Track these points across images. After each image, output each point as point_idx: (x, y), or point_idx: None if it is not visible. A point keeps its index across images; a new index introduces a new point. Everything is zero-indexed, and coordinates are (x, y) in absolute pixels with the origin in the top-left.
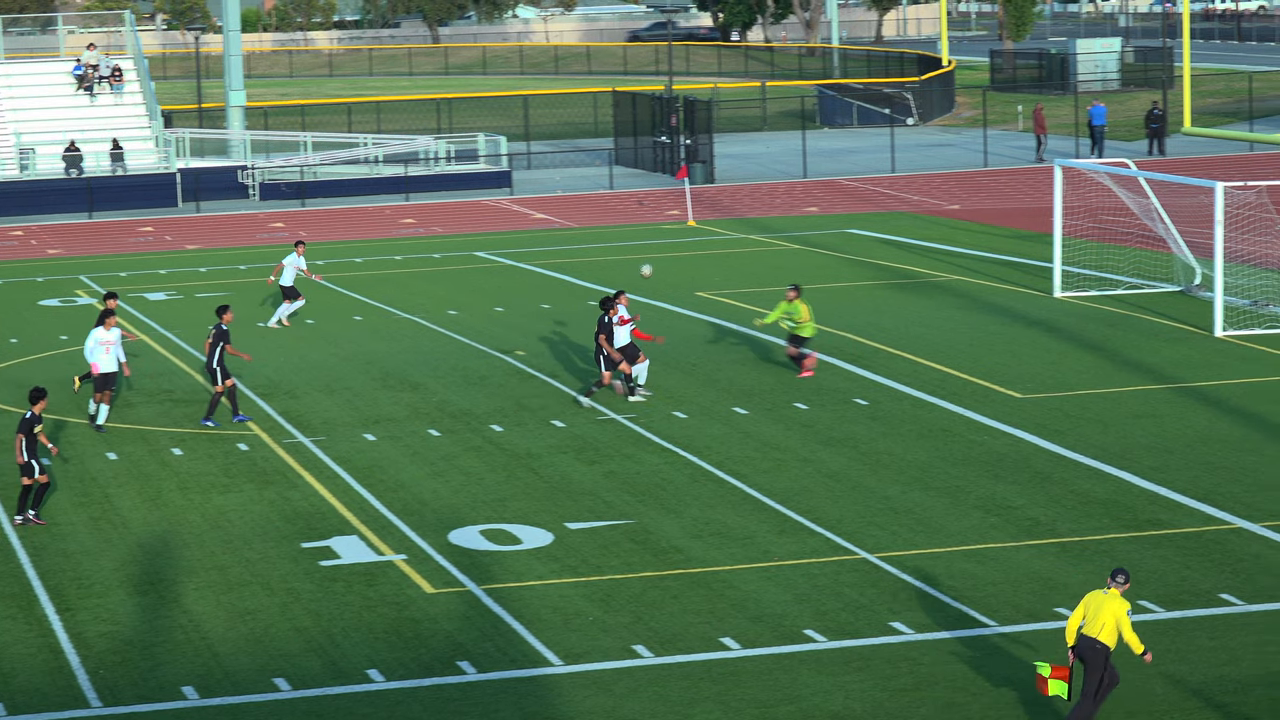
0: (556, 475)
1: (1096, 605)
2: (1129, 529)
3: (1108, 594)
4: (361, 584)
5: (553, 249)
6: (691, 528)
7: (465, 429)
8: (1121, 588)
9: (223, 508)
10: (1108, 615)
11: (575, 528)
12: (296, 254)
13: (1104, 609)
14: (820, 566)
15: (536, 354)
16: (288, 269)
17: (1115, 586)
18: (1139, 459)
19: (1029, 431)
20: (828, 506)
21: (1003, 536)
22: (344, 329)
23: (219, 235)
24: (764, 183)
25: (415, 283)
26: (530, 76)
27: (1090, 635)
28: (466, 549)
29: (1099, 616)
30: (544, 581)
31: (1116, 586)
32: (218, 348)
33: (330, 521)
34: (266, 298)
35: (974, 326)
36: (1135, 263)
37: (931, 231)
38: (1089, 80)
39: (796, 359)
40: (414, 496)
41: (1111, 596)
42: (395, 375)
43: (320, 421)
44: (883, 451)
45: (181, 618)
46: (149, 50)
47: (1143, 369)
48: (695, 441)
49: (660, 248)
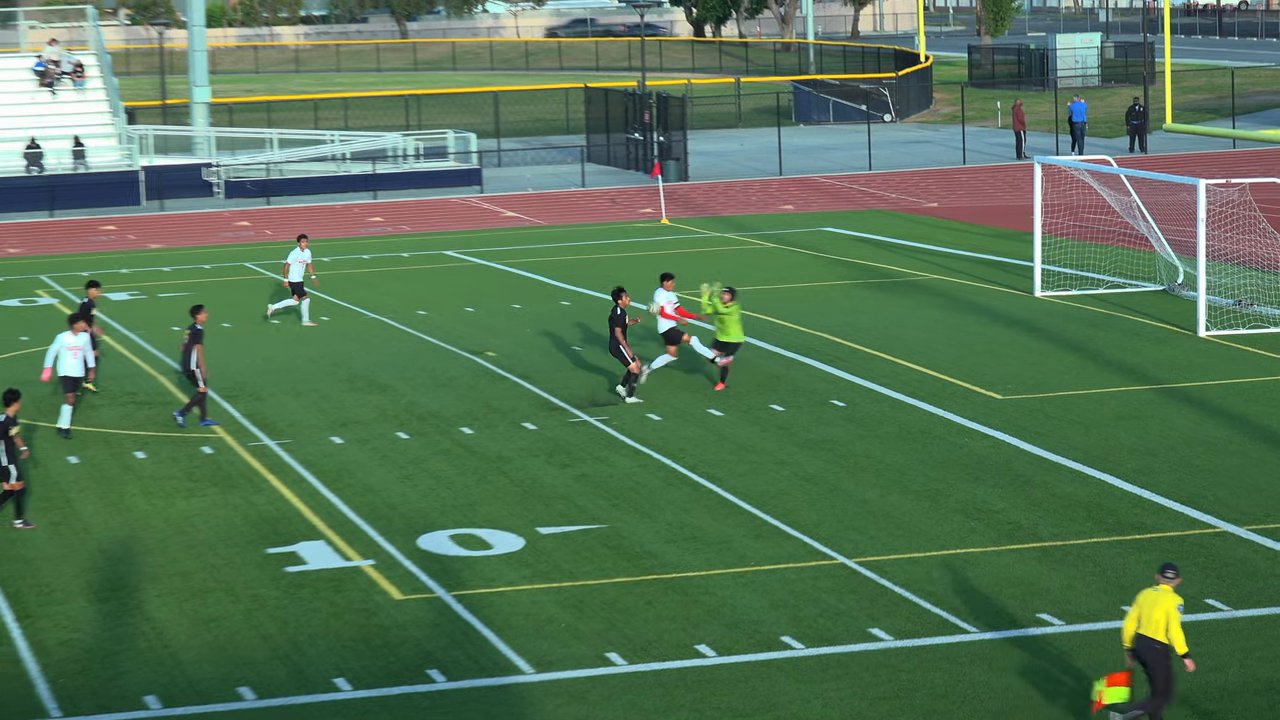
0: (527, 479)
1: (1150, 604)
2: (1112, 533)
3: (1159, 591)
4: (328, 590)
5: (524, 248)
6: (666, 532)
7: (434, 431)
8: (1172, 583)
9: (186, 512)
10: (1161, 613)
11: (547, 532)
12: (300, 249)
13: (1157, 606)
14: (797, 572)
15: (507, 355)
16: (295, 266)
17: (1166, 582)
18: (1122, 461)
19: (1010, 433)
20: (805, 510)
21: (984, 541)
22: (311, 329)
23: (183, 234)
24: (738, 180)
25: (383, 282)
26: (500, 72)
27: (1147, 635)
28: (436, 554)
29: (1153, 615)
30: (515, 587)
31: (1167, 582)
32: (194, 348)
33: (296, 526)
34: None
35: (953, 326)
36: (1117, 261)
37: (909, 230)
38: (1069, 76)
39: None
40: (382, 501)
41: (1163, 593)
42: (363, 377)
43: (286, 424)
44: (861, 454)
45: (144, 625)
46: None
47: (1125, 370)
48: (670, 444)
49: (633, 246)
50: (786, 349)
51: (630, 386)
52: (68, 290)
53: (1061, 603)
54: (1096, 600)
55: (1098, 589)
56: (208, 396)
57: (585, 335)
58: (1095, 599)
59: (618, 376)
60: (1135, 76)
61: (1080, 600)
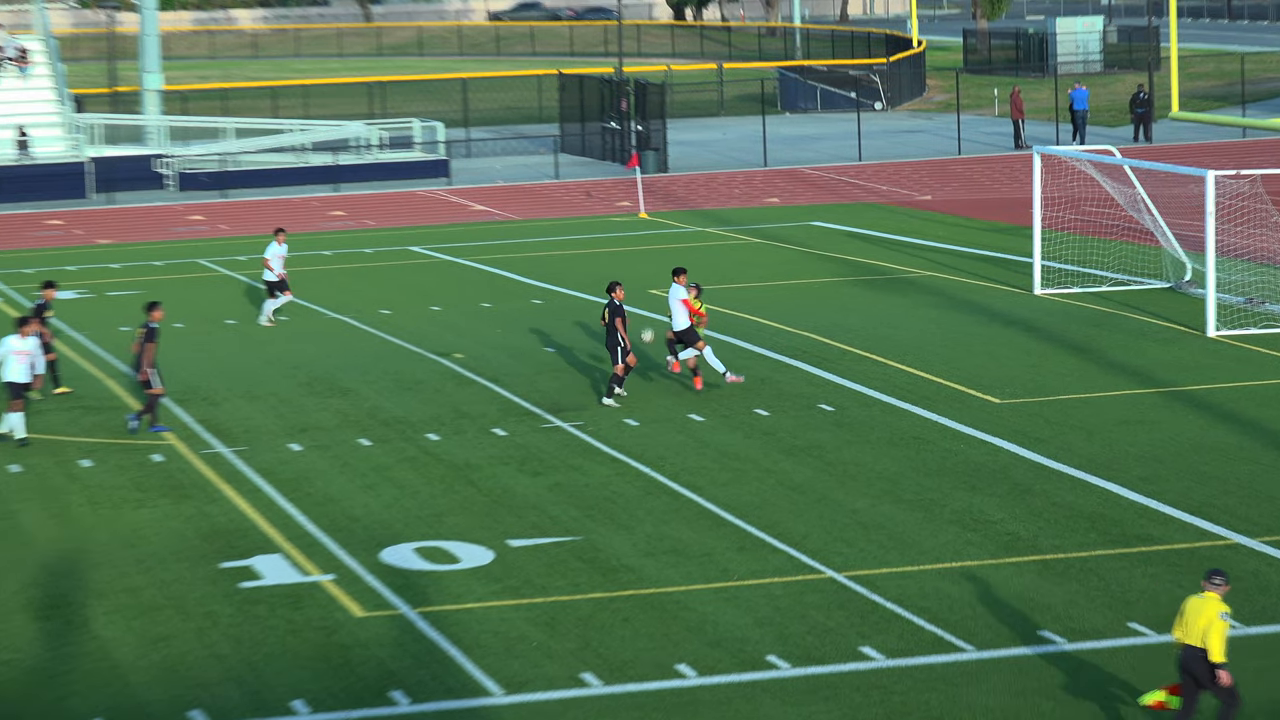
0: (497, 488)
1: (1194, 611)
2: (1116, 545)
3: (1204, 598)
4: (286, 607)
5: (494, 243)
6: (644, 545)
7: (399, 438)
8: (1219, 589)
9: (135, 524)
10: (1205, 620)
11: (518, 545)
12: (277, 243)
13: (1201, 614)
14: (783, 587)
15: (476, 357)
16: (275, 261)
17: (1212, 589)
18: (1127, 469)
19: (1008, 439)
20: (791, 521)
21: (981, 553)
22: (267, 330)
23: (133, 229)
24: (721, 172)
25: (345, 280)
26: (470, 58)
27: (1192, 645)
28: (400, 568)
29: (1197, 623)
30: (484, 604)
31: (1213, 589)
32: (146, 348)
33: (252, 539)
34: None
35: (948, 326)
36: (1121, 257)
37: (901, 224)
38: (1070, 62)
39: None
40: (343, 512)
41: (1208, 600)
42: (323, 380)
43: (241, 430)
44: (850, 461)
45: (90, 644)
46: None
47: (1130, 372)
48: (648, 451)
49: (609, 241)
50: (772, 350)
51: (610, 388)
52: (11, 289)
53: (1064, 619)
54: (1100, 616)
55: (1102, 604)
56: (159, 401)
57: (559, 336)
58: (1099, 614)
59: (595, 379)
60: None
61: (1083, 616)
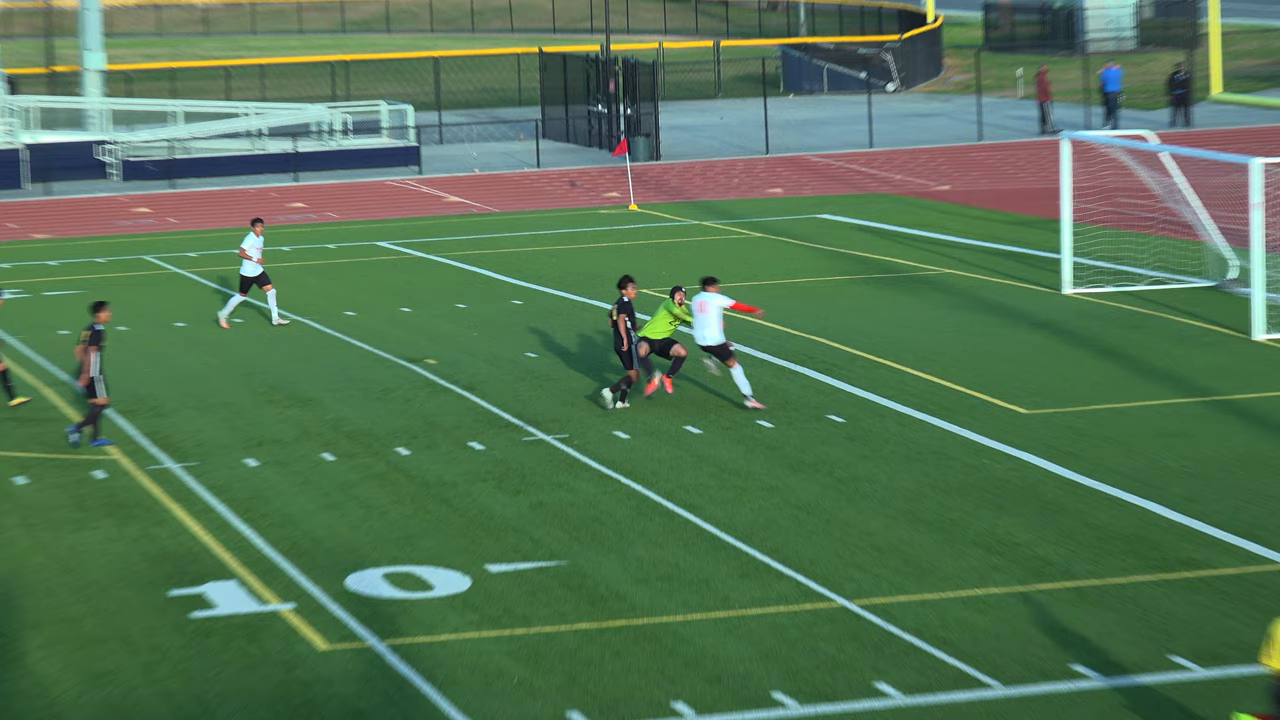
0: (474, 508)
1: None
2: (1157, 570)
3: None
4: (241, 639)
5: (469, 238)
6: (636, 570)
7: (365, 452)
8: None
9: (75, 548)
10: None
11: (497, 571)
12: (255, 234)
13: None
14: (790, 616)
15: (450, 363)
16: (252, 252)
17: None
18: (1167, 486)
19: (1036, 454)
20: (798, 544)
21: (1007, 579)
22: (221, 333)
23: (72, 222)
24: (718, 160)
25: (306, 278)
26: (442, 34)
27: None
28: (367, 596)
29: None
30: (460, 635)
31: None
32: (90, 352)
33: (204, 564)
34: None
35: (969, 329)
36: (1159, 253)
37: (917, 217)
38: (1101, 39)
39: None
40: (304, 534)
41: None
42: (282, 388)
43: (192, 444)
44: (863, 478)
45: (23, 681)
46: None
47: (1170, 379)
48: (640, 467)
49: (597, 236)
50: (775, 356)
51: (623, 390)
52: None
53: (1099, 652)
54: (1138, 649)
55: (1140, 635)
56: (103, 413)
57: (541, 340)
58: (1137, 647)
59: (580, 387)
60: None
61: (1120, 649)
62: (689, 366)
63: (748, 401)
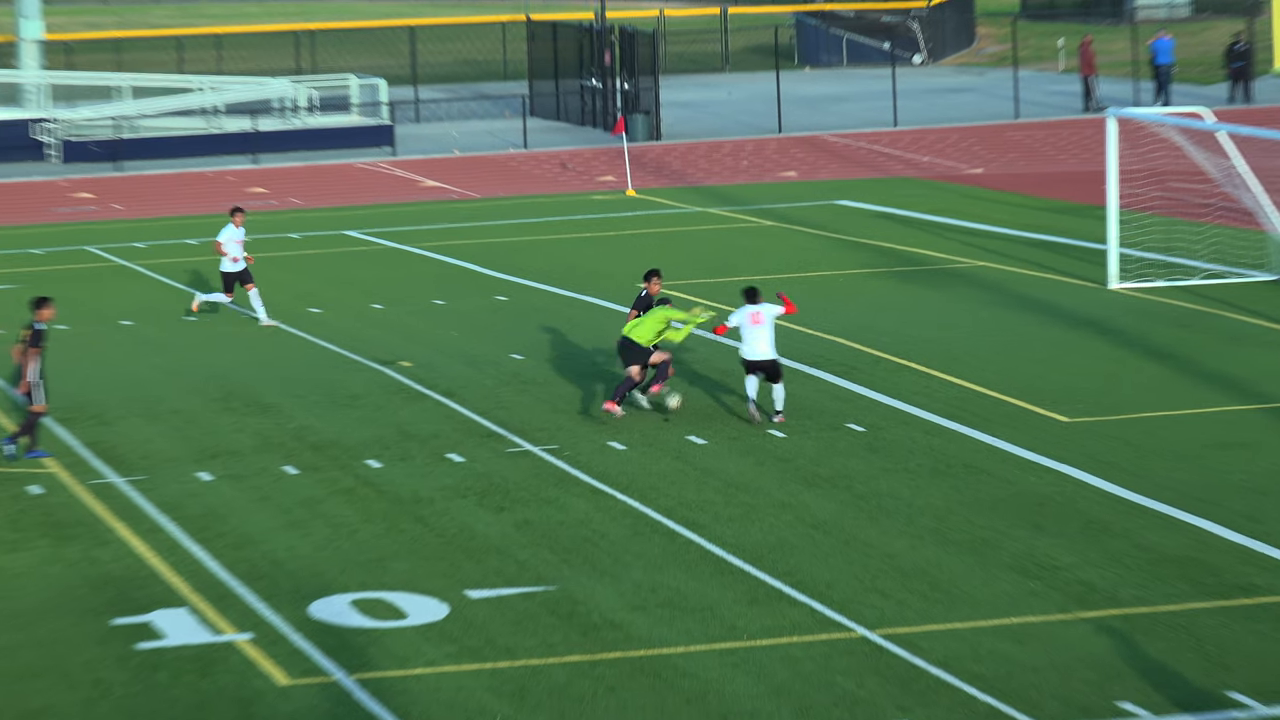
0: (453, 527)
1: None
2: (1213, 596)
3: None
4: (192, 673)
5: (448, 227)
6: (633, 596)
7: (332, 465)
8: None
9: (8, 570)
10: None
11: (477, 597)
12: (234, 224)
13: None
14: (804, 648)
15: (427, 365)
16: (230, 246)
17: None
18: (1225, 502)
19: (1079, 467)
20: (813, 567)
21: (1046, 606)
22: (172, 332)
23: (6, 209)
24: (725, 140)
25: (267, 272)
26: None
27: None
28: (333, 625)
29: None
30: (436, 669)
31: None
32: (30, 354)
33: (151, 590)
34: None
35: (1004, 328)
36: (1215, 244)
37: (946, 203)
38: (1151, 6)
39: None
40: (263, 556)
41: None
42: (240, 394)
43: (139, 456)
44: (885, 494)
45: None
46: None
47: (1227, 383)
48: (638, 481)
49: (590, 224)
50: (788, 358)
51: (652, 392)
52: None
53: (1148, 687)
54: (1193, 684)
55: (1195, 669)
56: (40, 421)
57: (528, 340)
58: (1191, 682)
59: (572, 393)
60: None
61: (1172, 684)
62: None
63: (777, 418)
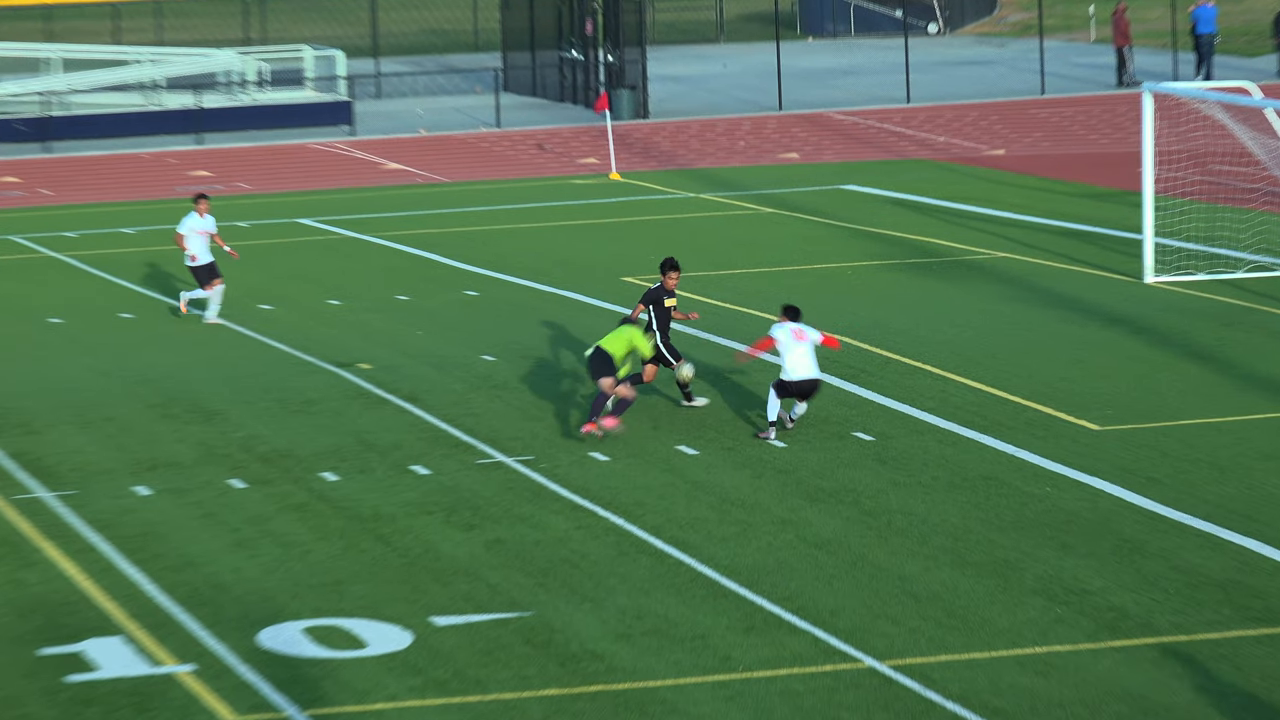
0: (417, 546)
1: None
2: (1259, 623)
3: None
4: (128, 708)
5: (413, 214)
6: (616, 623)
7: (284, 478)
8: None
9: None
10: None
11: (444, 624)
12: (199, 213)
13: None
14: (806, 680)
15: (388, 368)
16: (193, 239)
17: None
18: (1272, 520)
19: (1111, 480)
20: (816, 591)
21: (1075, 634)
22: (106, 331)
23: None
24: (720, 118)
25: None
26: None
27: None
28: (285, 656)
29: None
30: (398, 703)
31: None
32: None
33: (83, 616)
34: None
35: (1028, 326)
36: (1261, 233)
37: (964, 188)
38: None
39: None
40: (206, 579)
41: None
42: (181, 399)
43: (69, 468)
44: (896, 510)
45: None
46: None
47: (1275, 387)
48: (622, 496)
49: (570, 211)
50: None
51: (687, 393)
52: None
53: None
54: (1234, 718)
55: (1239, 703)
56: None
57: (500, 340)
58: (1233, 716)
59: (549, 397)
60: None
61: (1212, 718)
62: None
63: (770, 433)
